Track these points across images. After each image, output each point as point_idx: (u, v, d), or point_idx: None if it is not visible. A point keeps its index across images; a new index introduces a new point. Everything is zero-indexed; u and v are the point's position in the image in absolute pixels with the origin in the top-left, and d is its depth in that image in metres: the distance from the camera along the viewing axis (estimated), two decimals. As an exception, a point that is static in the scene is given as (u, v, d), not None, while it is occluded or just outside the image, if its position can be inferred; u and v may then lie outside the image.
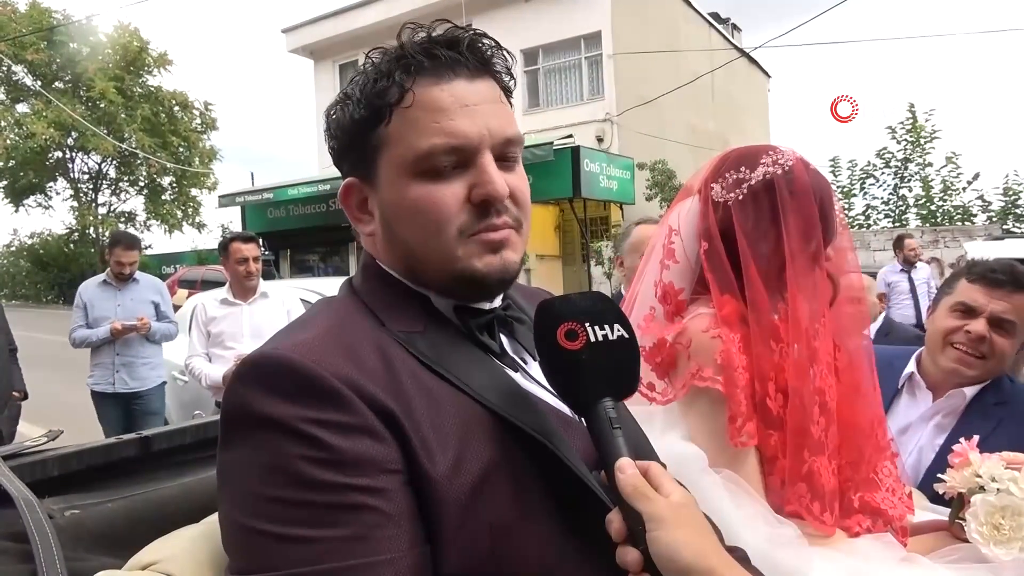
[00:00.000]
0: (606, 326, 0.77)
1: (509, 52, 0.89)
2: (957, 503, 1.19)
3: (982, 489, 1.13)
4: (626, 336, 0.78)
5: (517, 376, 0.86)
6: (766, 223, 1.18)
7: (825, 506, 1.10)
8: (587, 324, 0.76)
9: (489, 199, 0.81)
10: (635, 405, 1.19)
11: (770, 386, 1.13)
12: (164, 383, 4.80)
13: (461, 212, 0.81)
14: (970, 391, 1.68)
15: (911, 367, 1.81)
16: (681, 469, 1.04)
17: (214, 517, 0.88)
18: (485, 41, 0.85)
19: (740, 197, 1.21)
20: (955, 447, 1.23)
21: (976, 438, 1.25)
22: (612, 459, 0.71)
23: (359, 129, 0.85)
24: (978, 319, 1.67)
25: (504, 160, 0.84)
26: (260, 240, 4.11)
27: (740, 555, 0.94)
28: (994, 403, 1.66)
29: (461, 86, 0.82)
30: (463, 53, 0.83)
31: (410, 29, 0.85)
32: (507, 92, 0.89)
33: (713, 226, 1.22)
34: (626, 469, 0.70)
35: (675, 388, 1.20)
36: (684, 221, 1.29)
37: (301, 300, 4.19)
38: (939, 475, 1.24)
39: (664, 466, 0.97)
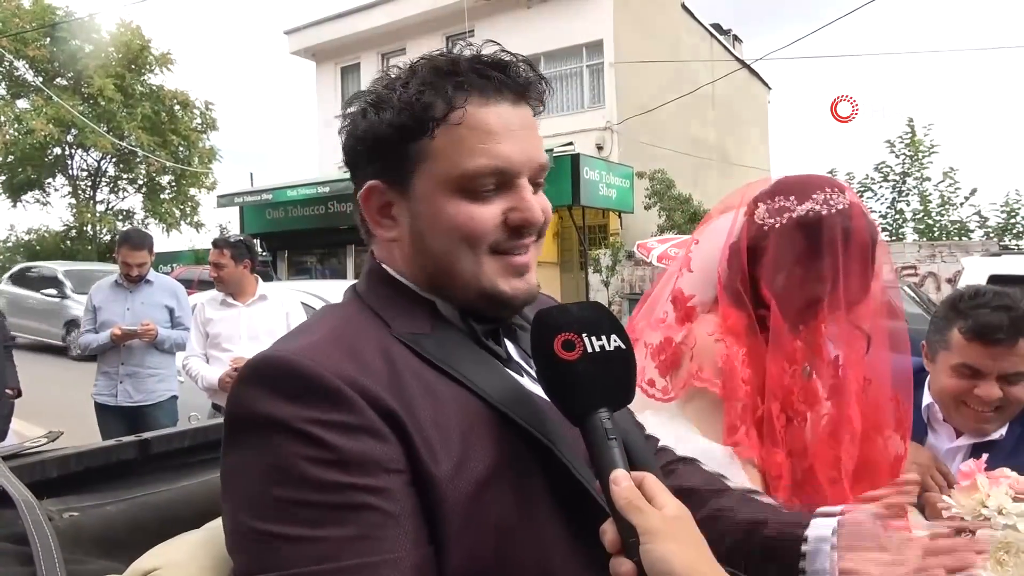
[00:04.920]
0: (603, 336, 0.77)
1: (548, 83, 0.90)
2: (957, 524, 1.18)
3: (987, 520, 1.10)
4: (623, 347, 0.78)
5: (523, 380, 0.87)
6: (800, 257, 1.19)
7: None
8: (584, 334, 0.76)
9: (527, 224, 0.84)
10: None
11: (775, 405, 1.14)
12: (175, 396, 4.37)
13: (495, 231, 0.84)
14: (1001, 430, 1.62)
15: (927, 398, 1.70)
16: (708, 463, 1.04)
17: (215, 523, 0.88)
18: (527, 68, 0.87)
19: (778, 226, 1.21)
20: (962, 467, 1.19)
21: (984, 457, 1.21)
22: (607, 471, 0.71)
23: (397, 136, 0.84)
24: (987, 381, 1.55)
25: (536, 185, 0.87)
26: (238, 245, 3.95)
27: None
28: (1020, 433, 1.61)
29: (507, 110, 0.84)
30: (511, 77, 0.84)
31: (458, 43, 0.87)
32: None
33: (743, 243, 1.24)
34: (620, 481, 0.70)
35: (675, 387, 1.22)
36: (712, 235, 1.32)
37: (303, 304, 4.14)
38: (944, 496, 1.21)
39: (664, 474, 0.99)
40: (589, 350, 0.76)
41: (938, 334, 1.66)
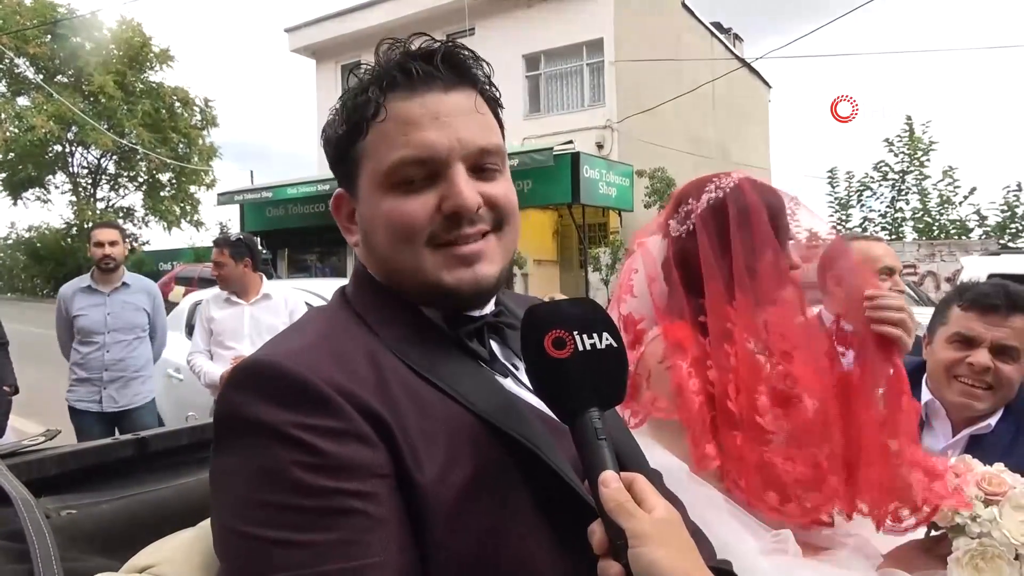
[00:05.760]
0: (595, 335, 0.76)
1: (488, 63, 0.89)
2: (933, 527, 1.18)
3: (962, 528, 1.11)
4: (615, 345, 0.76)
5: (507, 382, 0.87)
6: (718, 242, 1.26)
7: (787, 496, 1.13)
8: (575, 332, 0.75)
9: (457, 211, 0.81)
10: None
11: (730, 388, 1.18)
12: (154, 398, 4.32)
13: (431, 223, 0.82)
14: (993, 420, 1.63)
15: (926, 394, 1.73)
16: (667, 481, 1.06)
17: (209, 521, 0.89)
18: (463, 53, 0.86)
19: (692, 227, 1.30)
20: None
21: (951, 457, 1.22)
22: (596, 471, 0.70)
23: (342, 144, 0.87)
24: (979, 349, 1.60)
25: (481, 171, 0.85)
26: (237, 243, 3.95)
27: (726, 567, 0.95)
28: (1015, 430, 1.62)
29: (434, 98, 0.83)
30: (437, 66, 0.83)
31: (388, 45, 0.86)
32: (492, 102, 0.89)
33: (670, 259, 1.32)
34: (610, 483, 0.69)
35: (636, 416, 1.26)
36: (647, 260, 1.38)
37: (306, 304, 4.12)
38: None
39: (660, 475, 0.99)
40: (580, 348, 0.75)
41: (938, 316, 1.74)
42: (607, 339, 0.76)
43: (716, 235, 1.26)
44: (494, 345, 0.90)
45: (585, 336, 0.75)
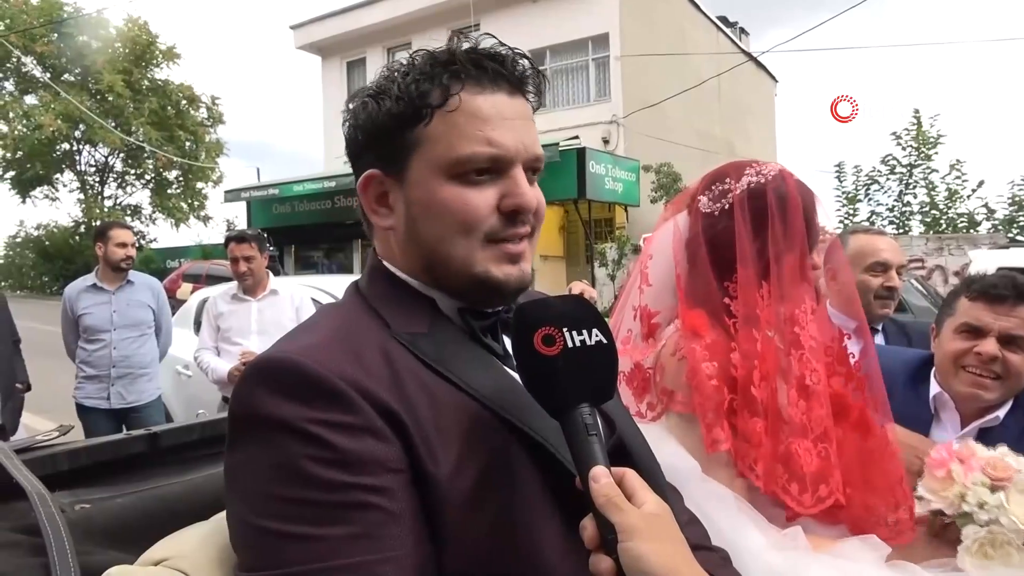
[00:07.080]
0: (584, 331, 0.76)
1: (546, 78, 0.92)
2: (936, 515, 1.18)
3: (970, 516, 1.11)
4: (604, 341, 0.77)
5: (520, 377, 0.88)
6: (753, 226, 1.25)
7: (805, 487, 1.14)
8: (565, 329, 0.76)
9: (519, 210, 0.85)
10: None
11: (755, 374, 1.17)
12: (160, 395, 4.37)
13: (490, 218, 0.84)
14: (1002, 412, 1.62)
15: (935, 387, 1.73)
16: (676, 478, 1.06)
17: (222, 515, 0.89)
18: (524, 62, 0.88)
19: (727, 206, 1.28)
20: (932, 453, 1.20)
21: (953, 442, 1.22)
22: (587, 466, 0.71)
23: (394, 124, 0.86)
24: (987, 339, 1.60)
25: (531, 175, 0.88)
26: (260, 236, 3.99)
27: (723, 555, 0.96)
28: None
29: (502, 100, 0.85)
30: (507, 68, 0.86)
31: (457, 36, 0.88)
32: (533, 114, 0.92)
33: (698, 236, 1.30)
34: (600, 478, 0.70)
35: (653, 410, 1.26)
36: (662, 245, 1.36)
37: (312, 300, 4.13)
38: (921, 489, 1.22)
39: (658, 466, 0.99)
40: (569, 345, 0.75)
41: (946, 308, 1.74)
42: (597, 335, 0.77)
43: (752, 220, 1.25)
44: (507, 341, 0.91)
45: (575, 333, 0.76)
